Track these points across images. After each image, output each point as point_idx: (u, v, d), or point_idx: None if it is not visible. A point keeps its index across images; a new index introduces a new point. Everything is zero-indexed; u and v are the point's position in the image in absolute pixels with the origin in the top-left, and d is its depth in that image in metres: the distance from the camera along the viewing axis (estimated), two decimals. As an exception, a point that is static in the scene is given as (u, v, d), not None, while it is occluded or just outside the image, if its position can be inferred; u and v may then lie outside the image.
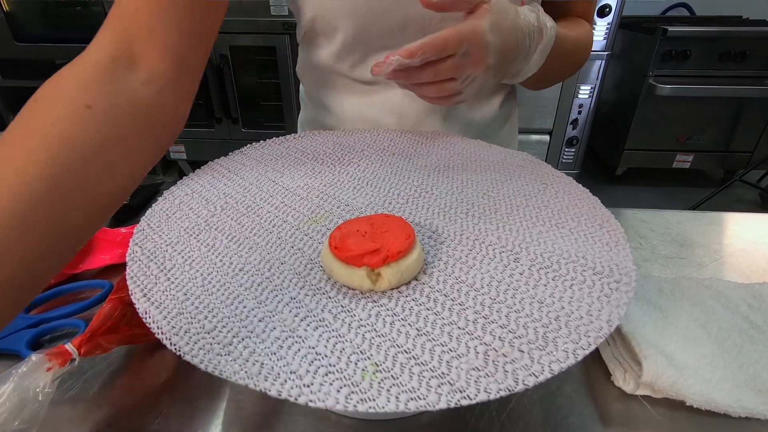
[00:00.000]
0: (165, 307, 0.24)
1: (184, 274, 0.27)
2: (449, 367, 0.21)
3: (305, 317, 0.24)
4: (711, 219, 0.57)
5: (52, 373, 0.30)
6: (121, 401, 0.33)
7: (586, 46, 0.54)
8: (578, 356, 0.21)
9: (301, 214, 0.33)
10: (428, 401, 0.19)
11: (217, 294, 0.25)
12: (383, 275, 0.25)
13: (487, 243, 0.29)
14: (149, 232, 0.31)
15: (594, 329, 0.22)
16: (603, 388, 0.33)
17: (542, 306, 0.24)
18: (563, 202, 0.34)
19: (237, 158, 0.42)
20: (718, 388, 0.31)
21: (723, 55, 1.85)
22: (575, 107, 1.96)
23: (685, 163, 2.12)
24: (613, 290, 0.25)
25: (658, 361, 0.32)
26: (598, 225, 0.31)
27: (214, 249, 0.29)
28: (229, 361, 0.21)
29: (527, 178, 0.38)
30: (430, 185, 0.37)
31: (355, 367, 0.21)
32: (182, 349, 0.21)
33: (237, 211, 0.33)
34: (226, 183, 0.37)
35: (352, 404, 0.19)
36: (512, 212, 0.33)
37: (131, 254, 0.28)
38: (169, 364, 0.35)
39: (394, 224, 0.27)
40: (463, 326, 0.23)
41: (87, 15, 1.87)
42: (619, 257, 0.28)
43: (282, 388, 0.19)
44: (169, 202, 0.34)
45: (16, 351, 0.36)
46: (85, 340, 0.33)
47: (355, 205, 0.34)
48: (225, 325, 0.23)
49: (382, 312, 0.24)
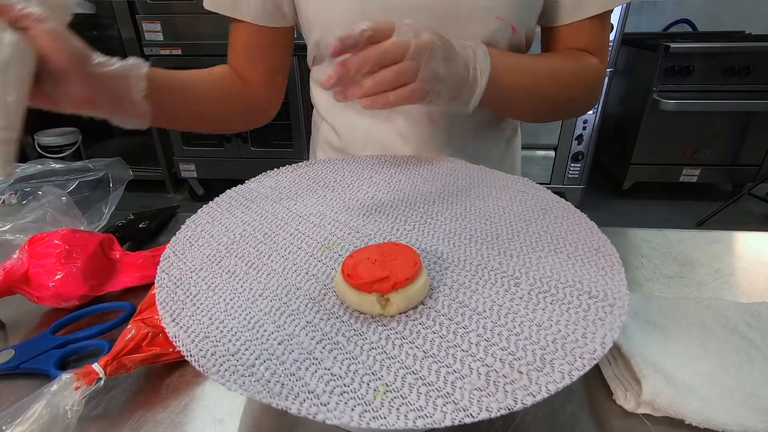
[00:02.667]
0: (192, 331, 0.26)
1: (209, 300, 0.29)
2: (453, 387, 0.22)
3: (321, 340, 0.26)
4: (713, 238, 0.58)
5: (81, 391, 0.32)
6: (143, 419, 0.34)
7: (582, 80, 0.50)
8: (573, 377, 0.22)
9: (314, 241, 0.35)
10: (434, 419, 0.21)
11: (239, 318, 0.27)
12: (392, 301, 0.27)
13: (489, 268, 0.31)
14: (174, 259, 0.33)
15: (588, 351, 0.24)
16: (605, 406, 0.34)
17: (540, 329, 0.26)
18: (562, 228, 0.36)
19: (253, 186, 0.44)
20: (716, 406, 0.32)
21: (727, 70, 1.86)
22: (580, 123, 1.97)
23: (693, 176, 2.11)
24: (608, 313, 0.27)
25: (657, 380, 0.33)
26: (594, 250, 0.33)
27: (235, 275, 0.31)
28: (253, 381, 0.23)
29: (528, 203, 0.40)
30: (435, 211, 0.39)
31: (367, 387, 0.23)
32: (209, 371, 0.23)
33: (255, 238, 0.36)
34: (244, 211, 0.40)
35: (366, 421, 0.21)
36: (513, 238, 0.35)
37: (159, 281, 0.30)
38: (188, 384, 0.37)
39: (402, 252, 0.29)
40: (467, 348, 0.25)
41: (103, 39, 1.94)
42: (613, 281, 0.29)
43: (301, 407, 0.21)
44: (191, 229, 0.37)
45: (45, 371, 0.38)
46: (110, 360, 0.35)
47: (365, 232, 0.36)
48: (248, 348, 0.25)
49: (391, 335, 0.26)
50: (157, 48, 1.90)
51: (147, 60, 0.47)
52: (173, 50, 1.91)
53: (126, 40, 1.90)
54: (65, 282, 0.45)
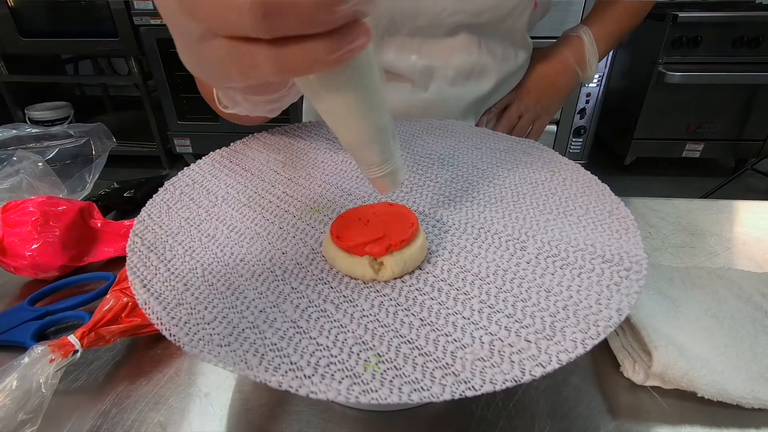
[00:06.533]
0: (164, 298, 0.24)
1: (185, 265, 0.26)
2: (454, 357, 0.20)
3: (306, 308, 0.23)
4: (722, 207, 0.56)
5: (55, 364, 0.30)
6: (126, 392, 0.33)
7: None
8: (587, 346, 0.20)
9: (302, 204, 0.32)
10: (432, 392, 0.19)
11: (218, 285, 0.25)
12: (386, 264, 0.24)
13: (493, 231, 0.29)
14: (150, 222, 0.30)
15: (603, 318, 0.22)
16: (611, 379, 0.33)
17: (549, 295, 0.23)
18: (571, 190, 0.33)
19: (239, 148, 0.41)
20: (731, 379, 0.30)
21: (736, 41, 1.80)
22: (583, 96, 1.93)
23: (696, 152, 2.08)
24: (623, 278, 0.24)
25: (668, 351, 0.31)
26: (607, 212, 0.30)
27: (215, 239, 0.29)
28: (230, 352, 0.20)
29: (533, 165, 0.37)
30: (435, 173, 0.36)
31: (357, 358, 0.20)
32: (182, 340, 0.21)
33: (238, 201, 0.33)
34: (228, 173, 0.37)
35: (354, 396, 0.18)
36: (518, 200, 0.32)
37: (131, 245, 0.28)
38: (173, 356, 0.35)
39: (398, 213, 0.27)
40: (468, 316, 0.22)
41: (91, 9, 1.86)
42: (629, 245, 0.27)
43: (283, 380, 0.19)
44: (170, 192, 0.34)
45: (21, 343, 0.36)
46: (87, 332, 0.33)
47: (358, 194, 0.33)
48: (225, 316, 0.23)
49: (384, 302, 0.24)
50: (147, 17, 1.82)
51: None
52: (164, 20, 1.84)
53: (115, 11, 1.82)
54: (43, 251, 0.42)
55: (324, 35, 0.15)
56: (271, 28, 0.14)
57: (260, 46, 0.15)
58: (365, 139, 0.22)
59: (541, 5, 0.53)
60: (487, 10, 0.47)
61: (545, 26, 0.88)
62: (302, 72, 0.16)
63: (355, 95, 0.20)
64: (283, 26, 0.14)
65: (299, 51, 0.15)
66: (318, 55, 0.15)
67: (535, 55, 0.59)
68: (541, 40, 0.58)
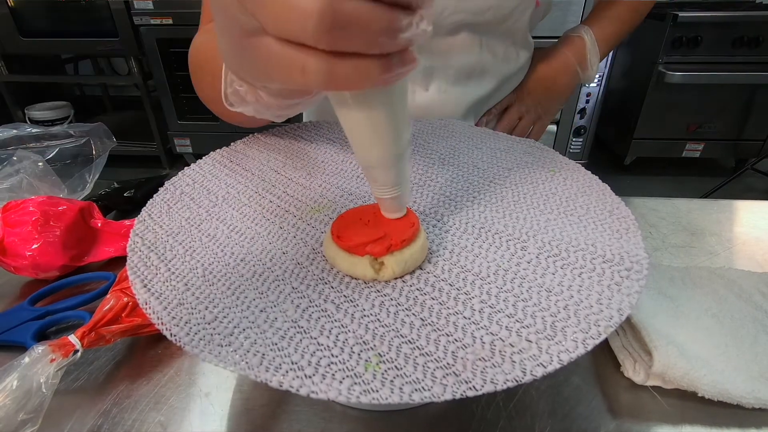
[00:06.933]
0: (165, 298, 0.24)
1: (185, 265, 0.26)
2: (455, 357, 0.20)
3: (307, 308, 0.23)
4: (722, 207, 0.56)
5: (56, 364, 0.30)
6: (126, 392, 0.32)
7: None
8: (588, 346, 0.20)
9: (303, 204, 0.32)
10: (433, 392, 0.19)
11: (218, 285, 0.25)
12: (387, 264, 0.24)
13: (494, 231, 0.29)
14: (150, 222, 0.30)
15: (604, 318, 0.22)
16: (612, 379, 0.33)
17: (550, 295, 0.23)
18: (571, 190, 0.33)
19: (239, 148, 0.41)
20: (731, 378, 0.30)
21: (736, 41, 1.80)
22: (583, 96, 1.93)
23: (696, 152, 2.08)
24: (624, 278, 0.24)
25: (669, 351, 0.31)
26: (607, 212, 0.30)
27: (215, 239, 0.29)
28: (230, 351, 0.20)
29: (534, 165, 0.37)
30: (436, 173, 0.36)
31: (358, 358, 0.20)
32: (182, 340, 0.21)
33: (239, 201, 0.33)
34: (228, 173, 0.37)
35: (355, 396, 0.18)
36: (519, 200, 0.32)
37: (131, 245, 0.28)
38: (174, 356, 0.35)
39: (398, 212, 0.27)
40: (469, 316, 0.22)
41: (91, 9, 1.86)
42: (629, 245, 0.27)
43: (283, 379, 0.19)
44: (171, 192, 0.34)
45: (21, 343, 0.36)
46: (87, 332, 0.33)
47: (359, 194, 0.33)
48: (226, 316, 0.23)
49: (385, 302, 0.24)
50: (147, 17, 1.82)
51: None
52: (164, 19, 1.84)
53: (115, 11, 1.82)
54: (43, 251, 0.42)
55: (379, 55, 0.15)
56: (334, 42, 0.14)
57: (315, 54, 0.15)
58: (384, 159, 0.22)
59: (542, 4, 0.53)
60: (489, 9, 0.46)
61: (545, 26, 0.88)
62: (350, 87, 0.17)
63: (386, 117, 0.20)
64: (345, 42, 0.14)
65: (353, 67, 0.15)
66: (371, 74, 0.15)
67: (536, 56, 0.59)
68: (541, 40, 0.58)
